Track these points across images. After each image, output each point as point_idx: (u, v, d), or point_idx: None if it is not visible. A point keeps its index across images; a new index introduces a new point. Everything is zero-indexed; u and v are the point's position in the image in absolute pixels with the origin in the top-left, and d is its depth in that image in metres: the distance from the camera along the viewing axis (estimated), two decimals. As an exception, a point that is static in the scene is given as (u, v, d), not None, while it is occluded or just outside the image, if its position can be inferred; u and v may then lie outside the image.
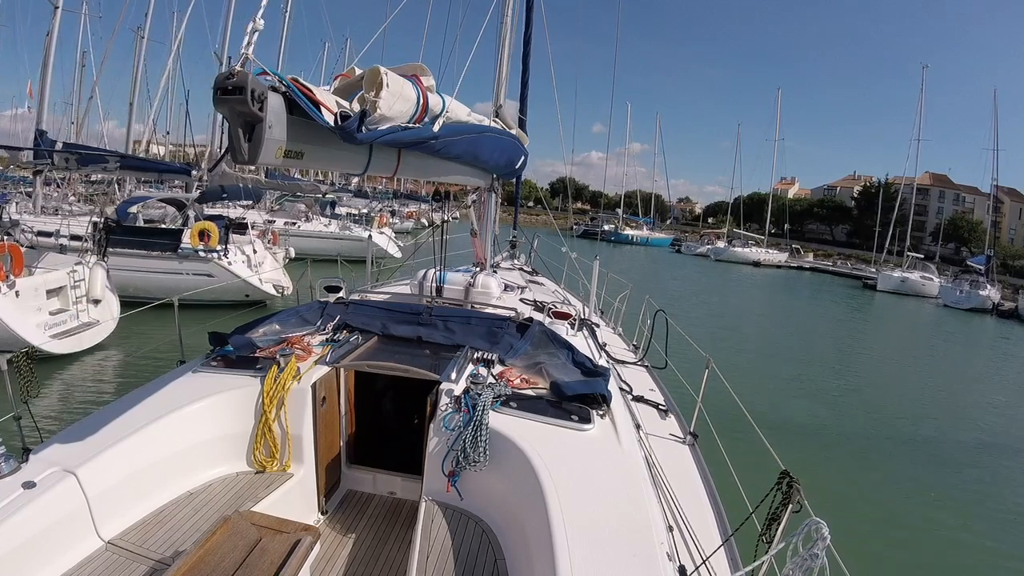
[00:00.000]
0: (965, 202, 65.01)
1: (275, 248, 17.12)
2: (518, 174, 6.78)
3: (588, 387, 3.31)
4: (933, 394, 13.27)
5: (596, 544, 2.16)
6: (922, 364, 17.23)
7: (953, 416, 11.49)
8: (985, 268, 35.73)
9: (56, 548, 2.34)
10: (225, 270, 12.54)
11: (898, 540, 6.24)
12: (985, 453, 9.47)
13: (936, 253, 46.90)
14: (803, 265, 49.97)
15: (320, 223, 23.38)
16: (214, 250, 12.57)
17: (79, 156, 13.76)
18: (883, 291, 36.77)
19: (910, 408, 11.77)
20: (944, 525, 6.79)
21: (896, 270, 39.21)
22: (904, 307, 32.15)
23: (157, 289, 11.10)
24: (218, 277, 12.34)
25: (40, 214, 14.92)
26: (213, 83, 1.86)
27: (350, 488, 3.80)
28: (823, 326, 22.31)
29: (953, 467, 8.74)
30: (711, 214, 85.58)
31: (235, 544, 2.31)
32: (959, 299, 32.67)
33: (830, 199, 75.30)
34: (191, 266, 12.46)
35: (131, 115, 23.85)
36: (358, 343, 3.92)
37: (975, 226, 56.79)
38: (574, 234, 33.52)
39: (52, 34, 15.27)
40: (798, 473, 2.29)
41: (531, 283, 7.51)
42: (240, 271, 12.86)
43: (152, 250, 12.23)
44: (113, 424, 2.83)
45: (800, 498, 2.24)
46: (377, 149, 2.72)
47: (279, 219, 22.43)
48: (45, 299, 8.93)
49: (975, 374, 16.93)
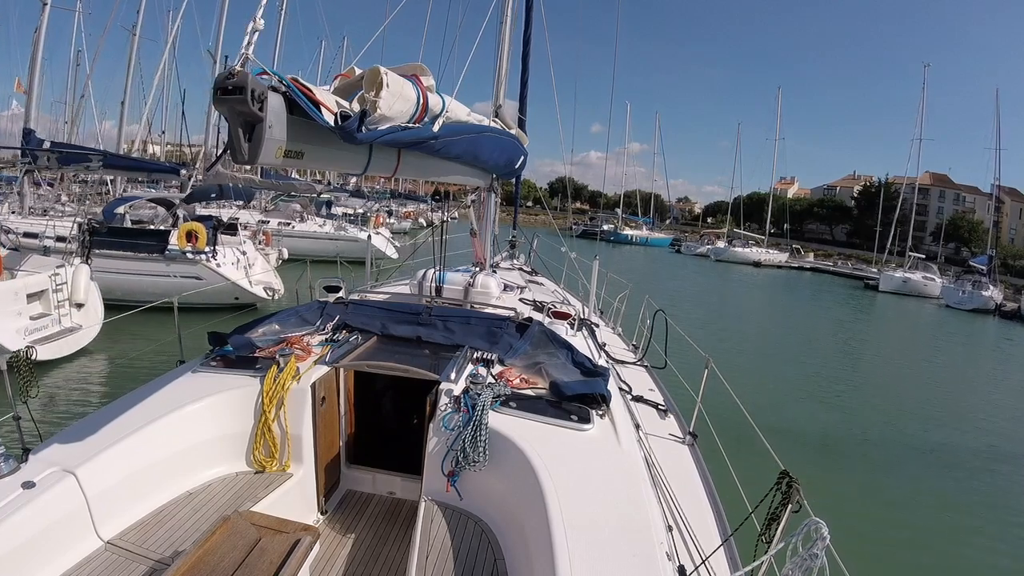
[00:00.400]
0: (965, 202, 64.75)
1: (268, 249, 16.72)
2: (518, 174, 6.79)
3: (587, 387, 3.31)
4: (935, 395, 13.25)
5: (595, 544, 2.16)
6: (924, 365, 17.16)
7: (955, 417, 11.48)
8: (987, 268, 35.46)
9: (55, 548, 2.34)
10: (213, 272, 12.14)
11: (898, 540, 6.24)
12: (986, 455, 9.46)
13: (938, 253, 46.55)
14: (804, 265, 49.66)
15: (315, 223, 22.89)
16: (202, 252, 12.15)
17: (60, 155, 13.37)
18: (885, 292, 36.50)
19: (911, 409, 11.76)
20: (944, 525, 6.80)
21: (898, 270, 38.86)
22: (906, 308, 31.84)
23: (144, 292, 10.87)
24: (207, 279, 11.97)
25: (28, 215, 14.59)
26: (213, 83, 1.87)
27: (349, 488, 3.80)
28: (825, 327, 22.18)
29: (954, 468, 8.74)
30: (710, 214, 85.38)
31: (234, 544, 2.31)
32: (962, 300, 32.38)
33: (830, 199, 75.07)
34: (178, 268, 12.05)
35: (123, 114, 23.41)
36: (358, 343, 3.92)
37: (975, 226, 56.58)
38: (573, 234, 33.32)
39: (40, 30, 14.99)
40: (797, 473, 2.29)
41: (531, 283, 7.51)
42: (229, 273, 12.42)
43: (138, 252, 11.85)
44: (112, 424, 2.82)
45: (800, 498, 2.24)
46: (377, 149, 2.72)
47: (273, 219, 21.90)
48: (26, 303, 8.60)
49: (978, 376, 16.89)
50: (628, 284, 7.76)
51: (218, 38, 21.28)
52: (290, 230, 21.60)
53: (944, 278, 37.42)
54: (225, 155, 2.05)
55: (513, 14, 6.58)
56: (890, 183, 57.43)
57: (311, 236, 21.59)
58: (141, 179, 22.73)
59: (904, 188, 46.51)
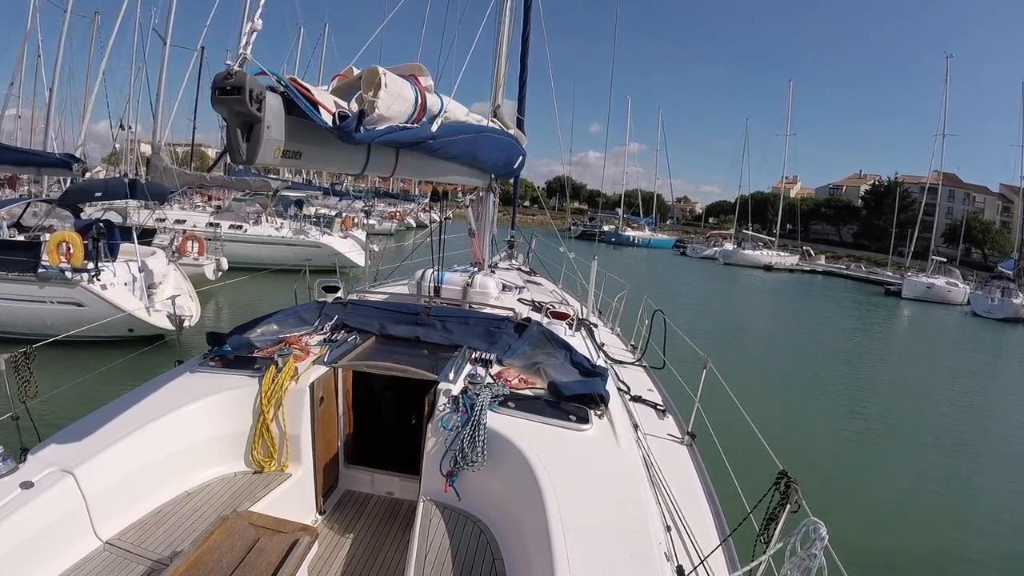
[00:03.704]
0: (975, 202, 62.41)
1: (202, 259, 13.78)
2: (516, 174, 6.79)
3: (586, 387, 3.31)
4: (961, 405, 12.62)
5: (594, 544, 2.16)
6: (954, 376, 15.81)
7: (974, 426, 11.21)
8: (1013, 273, 33.30)
9: (54, 548, 2.34)
10: (96, 297, 9.06)
11: (897, 541, 6.25)
12: (996, 461, 9.41)
13: (957, 256, 44.03)
14: (816, 269, 46.95)
15: (271, 226, 19.37)
16: (82, 269, 9.03)
17: None
18: (908, 298, 33.57)
19: (931, 415, 11.51)
20: (944, 526, 6.81)
21: (921, 275, 35.95)
22: (932, 316, 29.30)
23: (11, 323, 8.93)
24: (90, 306, 9.01)
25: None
26: (211, 83, 1.86)
27: (348, 488, 3.80)
28: (856, 339, 20.01)
29: (956, 471, 8.76)
30: (712, 214, 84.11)
31: (233, 544, 2.31)
32: (991, 308, 29.89)
33: (837, 198, 73.36)
34: (54, 292, 9.04)
35: (51, 103, 20.97)
36: (356, 343, 3.92)
37: (988, 227, 54.60)
38: (572, 235, 32.86)
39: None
40: (797, 473, 2.30)
41: (529, 283, 7.51)
42: (116, 298, 9.24)
43: (3, 270, 9.01)
44: (111, 424, 2.82)
45: (798, 498, 2.25)
46: (375, 149, 2.72)
47: (225, 221, 18.83)
48: None
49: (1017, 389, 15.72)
50: (627, 284, 7.76)
51: (168, 19, 18.96)
52: (240, 234, 18.47)
53: (967, 283, 34.84)
54: (225, 155, 2.06)
55: (512, 14, 6.58)
56: (899, 182, 55.70)
57: (265, 241, 18.60)
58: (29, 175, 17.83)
59: (922, 187, 43.85)
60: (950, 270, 36.86)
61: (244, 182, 19.12)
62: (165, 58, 19.48)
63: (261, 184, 19.56)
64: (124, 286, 9.70)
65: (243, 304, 13.27)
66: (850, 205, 70.51)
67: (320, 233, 19.99)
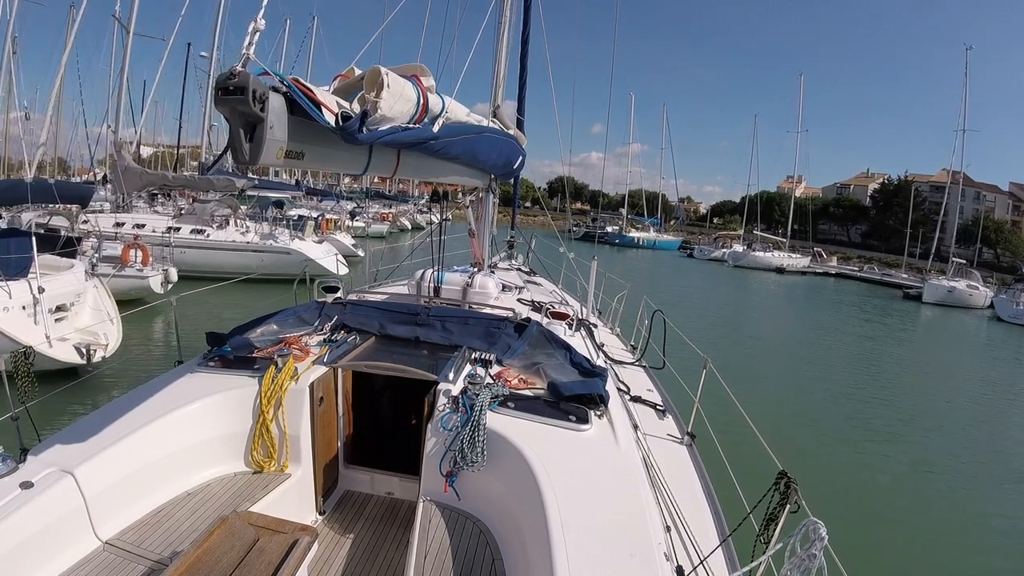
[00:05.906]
0: (985, 200, 60.33)
1: (147, 270, 12.15)
2: (516, 174, 6.80)
3: (586, 387, 3.31)
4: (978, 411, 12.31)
5: (593, 544, 2.16)
6: (989, 385, 15.03)
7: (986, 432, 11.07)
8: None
9: (54, 548, 2.34)
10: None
11: (897, 541, 6.25)
12: (999, 465, 9.37)
13: (974, 258, 42.05)
14: (828, 271, 44.82)
15: (236, 231, 17.41)
16: None
17: None
18: (929, 303, 31.93)
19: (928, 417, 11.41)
20: (943, 526, 6.82)
21: (942, 278, 34.33)
22: (956, 321, 27.95)
23: None
24: None
25: None
26: (214, 83, 1.87)
27: (348, 488, 3.80)
28: (894, 352, 18.68)
29: (955, 470, 8.76)
30: (717, 214, 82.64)
31: (233, 544, 2.30)
32: (1017, 313, 28.42)
33: (846, 197, 71.73)
34: None
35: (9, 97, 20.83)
36: (356, 343, 3.92)
37: (1000, 226, 53.29)
38: (573, 236, 32.47)
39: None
40: (796, 474, 2.31)
41: (529, 283, 7.51)
42: (12, 327, 7.47)
43: None
44: (111, 424, 2.82)
45: (798, 498, 2.25)
46: (377, 149, 2.73)
47: (187, 225, 17.10)
48: None
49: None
50: (627, 284, 7.77)
51: (132, 5, 18.18)
52: (199, 240, 16.58)
53: (987, 287, 33.49)
54: (226, 154, 2.05)
55: (511, 14, 6.59)
56: (909, 180, 53.90)
57: (227, 247, 16.71)
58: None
59: (947, 187, 42.28)
60: (971, 273, 35.19)
61: (207, 181, 17.51)
62: (128, 48, 18.66)
63: (226, 183, 17.51)
64: (20, 309, 7.73)
65: (198, 318, 10.35)
66: (859, 205, 68.87)
67: (291, 238, 17.88)
